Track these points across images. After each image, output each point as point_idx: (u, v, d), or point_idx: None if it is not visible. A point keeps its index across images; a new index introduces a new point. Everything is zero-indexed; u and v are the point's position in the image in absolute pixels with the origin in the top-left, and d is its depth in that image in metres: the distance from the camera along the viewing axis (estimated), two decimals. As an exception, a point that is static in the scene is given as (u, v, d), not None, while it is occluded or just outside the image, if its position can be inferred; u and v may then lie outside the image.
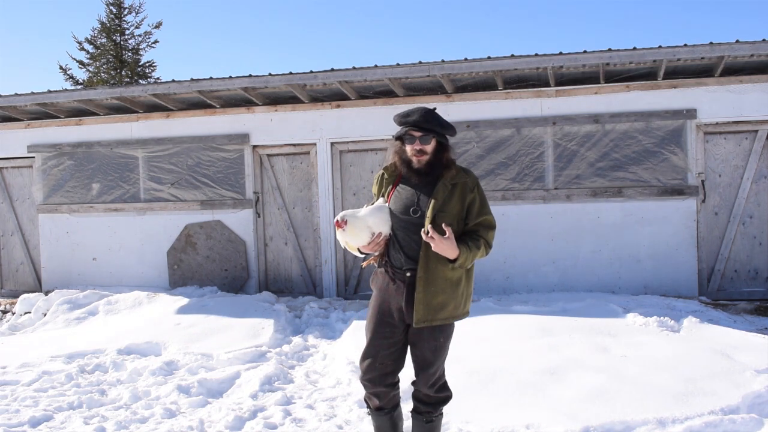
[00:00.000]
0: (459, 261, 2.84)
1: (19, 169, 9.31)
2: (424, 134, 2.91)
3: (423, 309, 2.88)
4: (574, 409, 3.79)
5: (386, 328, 3.00)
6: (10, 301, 8.60)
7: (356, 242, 2.99)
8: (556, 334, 5.30)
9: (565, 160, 7.42)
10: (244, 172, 8.30)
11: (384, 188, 3.09)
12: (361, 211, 3.01)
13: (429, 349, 2.96)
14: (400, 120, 2.96)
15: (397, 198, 3.01)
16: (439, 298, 2.89)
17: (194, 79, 7.69)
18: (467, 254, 2.85)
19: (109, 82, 21.97)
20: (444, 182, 2.94)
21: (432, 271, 2.87)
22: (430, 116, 2.91)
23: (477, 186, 3.00)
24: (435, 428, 3.10)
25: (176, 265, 8.49)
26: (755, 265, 7.23)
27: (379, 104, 7.89)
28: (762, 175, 7.20)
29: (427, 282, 2.87)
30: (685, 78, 7.24)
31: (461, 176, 2.99)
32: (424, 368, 2.99)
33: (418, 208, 2.93)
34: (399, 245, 2.97)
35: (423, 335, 2.95)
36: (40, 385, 4.94)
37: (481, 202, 2.99)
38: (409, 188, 3.00)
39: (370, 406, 3.12)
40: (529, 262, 7.54)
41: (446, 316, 2.92)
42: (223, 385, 4.95)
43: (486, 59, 6.90)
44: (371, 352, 3.01)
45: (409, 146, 2.95)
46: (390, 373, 3.03)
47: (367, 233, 2.95)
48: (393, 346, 3.01)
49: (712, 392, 3.91)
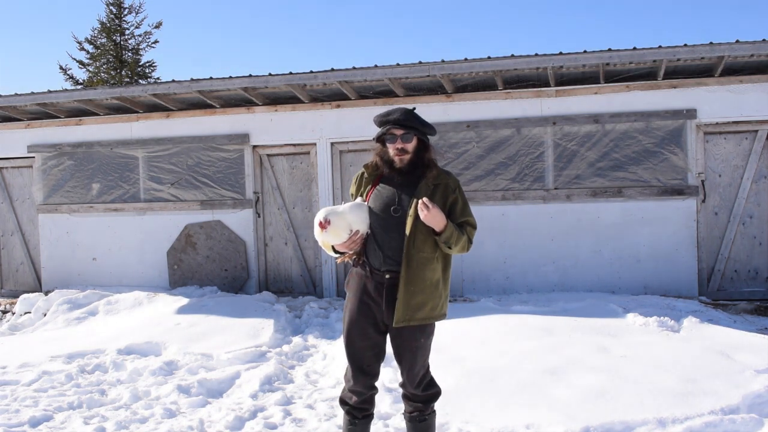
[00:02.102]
0: (445, 234, 2.85)
1: (19, 169, 9.31)
2: (406, 132, 2.92)
3: (402, 308, 2.88)
4: (574, 409, 3.79)
5: (367, 329, 3.00)
6: (10, 301, 8.60)
7: (335, 240, 2.97)
8: (556, 334, 5.30)
9: (565, 160, 7.42)
10: (244, 172, 8.30)
11: (363, 187, 3.08)
12: (340, 207, 2.98)
13: (410, 350, 2.97)
14: (381, 120, 2.97)
15: (377, 197, 3.01)
16: (419, 298, 2.90)
17: (194, 79, 7.69)
18: (452, 230, 2.86)
19: (109, 82, 21.97)
20: (426, 182, 2.95)
21: (413, 270, 2.88)
22: (410, 115, 2.93)
23: (458, 187, 3.02)
24: (429, 427, 3.11)
25: (176, 265, 8.49)
26: (755, 265, 7.23)
27: (379, 104, 7.88)
28: (762, 175, 7.20)
29: (407, 281, 2.87)
30: (685, 78, 7.24)
31: (443, 177, 3.01)
32: (408, 369, 3.00)
33: (399, 207, 2.94)
34: (378, 245, 2.96)
35: (404, 336, 2.96)
36: (40, 385, 4.94)
37: (463, 203, 3.01)
38: (390, 187, 3.00)
39: (348, 403, 3.11)
40: (529, 262, 7.54)
41: (424, 316, 2.93)
42: (223, 385, 4.95)
43: (486, 59, 6.90)
44: (357, 356, 3.02)
45: (391, 145, 2.96)
46: (375, 375, 3.08)
47: (346, 231, 2.94)
48: (374, 348, 3.02)
49: (712, 392, 3.91)
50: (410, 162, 2.97)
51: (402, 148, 2.94)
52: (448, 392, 4.15)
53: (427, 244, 2.90)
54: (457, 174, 7.64)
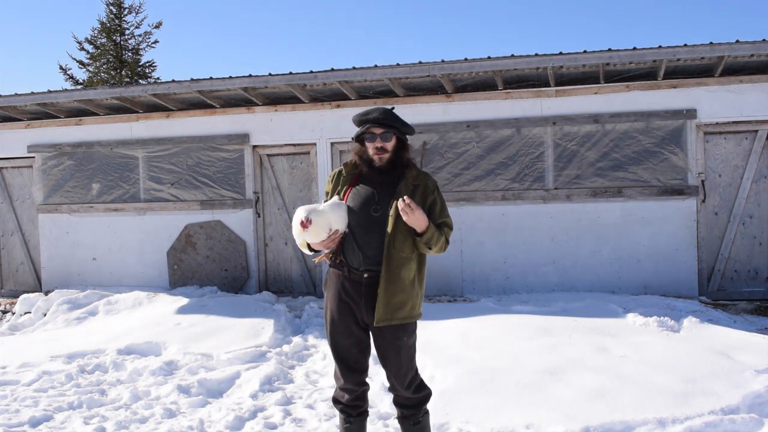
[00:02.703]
0: (427, 235, 2.87)
1: (19, 169, 9.31)
2: (385, 131, 2.93)
3: (383, 308, 2.89)
4: (574, 409, 3.79)
5: (350, 326, 3.01)
6: (10, 301, 8.60)
7: (315, 239, 2.95)
8: (556, 334, 5.30)
9: (565, 160, 7.42)
10: (244, 172, 8.30)
11: (341, 186, 3.07)
12: (320, 206, 2.97)
13: (394, 349, 2.98)
14: (360, 119, 2.98)
15: (356, 196, 3.01)
16: (399, 297, 2.91)
17: (194, 79, 7.69)
18: (433, 231, 2.89)
19: (109, 82, 21.97)
20: (406, 182, 2.97)
21: (393, 270, 2.89)
22: (389, 114, 2.95)
23: (437, 189, 3.05)
24: (424, 428, 3.11)
25: (176, 265, 8.49)
26: (755, 265, 7.23)
27: (379, 104, 7.88)
28: (762, 175, 7.20)
29: (388, 281, 2.89)
30: (685, 78, 7.23)
31: (422, 178, 3.02)
32: (395, 370, 3.01)
33: (379, 207, 2.94)
34: (357, 244, 2.96)
35: (386, 336, 2.96)
36: (40, 385, 4.94)
37: (441, 204, 3.04)
38: (369, 187, 3.01)
39: (341, 401, 3.12)
40: (529, 262, 7.54)
41: (404, 315, 2.94)
42: (223, 385, 4.95)
43: (486, 59, 6.90)
44: (343, 354, 3.03)
45: (370, 144, 2.96)
46: (364, 371, 3.09)
47: (326, 230, 2.93)
48: (360, 344, 3.04)
49: (712, 392, 3.91)
50: (389, 161, 2.98)
51: (381, 147, 2.95)
52: (448, 392, 4.15)
53: (407, 244, 2.92)
54: (457, 174, 7.65)
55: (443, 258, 7.73)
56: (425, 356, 4.83)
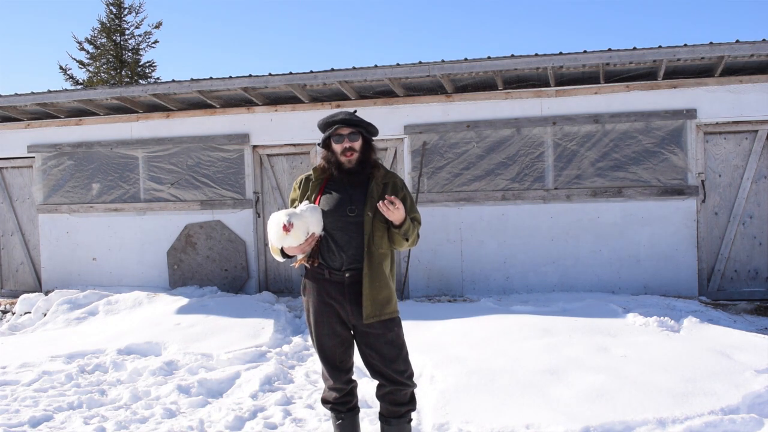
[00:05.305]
0: (404, 226, 2.96)
1: (19, 169, 9.31)
2: (352, 132, 3.01)
3: (370, 305, 2.95)
4: (574, 409, 3.79)
5: (335, 327, 3.05)
6: (10, 301, 8.60)
7: (294, 243, 2.97)
8: (556, 334, 5.30)
9: (565, 160, 7.42)
10: (244, 172, 8.30)
11: (310, 192, 3.11)
12: (298, 210, 2.99)
13: (386, 343, 3.02)
14: (326, 122, 3.05)
15: (329, 199, 3.05)
16: (384, 292, 2.99)
17: (194, 79, 7.69)
18: (409, 223, 2.99)
19: (109, 82, 21.96)
20: (376, 182, 3.05)
21: (375, 267, 2.96)
22: (354, 116, 3.03)
23: (404, 185, 3.15)
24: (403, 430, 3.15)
25: (176, 265, 8.49)
26: (755, 265, 7.23)
27: (379, 104, 7.89)
28: (762, 175, 7.20)
29: (372, 278, 2.95)
30: (685, 78, 7.24)
31: (390, 176, 3.12)
32: (388, 364, 3.03)
33: (355, 207, 3.00)
34: (337, 245, 3.01)
35: (376, 331, 3.01)
36: (40, 385, 4.94)
37: (411, 200, 3.12)
38: (340, 189, 3.06)
39: (329, 401, 3.18)
40: (529, 262, 7.54)
41: (391, 310, 3.03)
42: (223, 385, 4.95)
43: (486, 59, 6.90)
44: (329, 355, 3.08)
45: (339, 146, 3.02)
46: (350, 369, 3.16)
47: (305, 233, 2.96)
48: (344, 343, 3.10)
49: (712, 392, 3.90)
50: (358, 161, 3.04)
51: (350, 146, 3.01)
52: (448, 392, 4.15)
53: (384, 240, 3.01)
54: (457, 174, 7.65)
55: (443, 258, 7.73)
56: (425, 356, 4.83)
